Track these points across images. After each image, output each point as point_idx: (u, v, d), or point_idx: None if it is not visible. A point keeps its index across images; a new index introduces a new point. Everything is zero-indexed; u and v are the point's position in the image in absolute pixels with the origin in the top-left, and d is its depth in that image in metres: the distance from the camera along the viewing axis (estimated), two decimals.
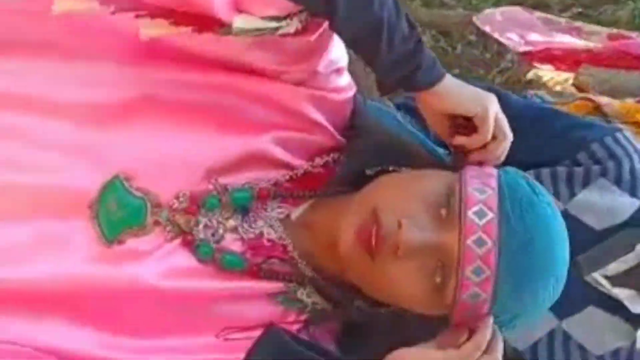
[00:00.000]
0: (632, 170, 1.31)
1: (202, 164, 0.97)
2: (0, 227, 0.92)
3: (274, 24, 0.92)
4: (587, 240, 1.31)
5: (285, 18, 0.92)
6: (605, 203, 1.32)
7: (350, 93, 1.06)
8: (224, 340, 0.96)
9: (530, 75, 3.86)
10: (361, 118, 1.07)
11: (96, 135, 0.94)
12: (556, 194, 1.30)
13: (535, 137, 1.32)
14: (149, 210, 0.94)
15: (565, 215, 1.23)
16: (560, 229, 0.95)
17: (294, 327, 0.99)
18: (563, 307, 1.28)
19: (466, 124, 1.00)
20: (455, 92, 0.99)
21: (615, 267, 1.32)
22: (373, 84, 1.03)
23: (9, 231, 0.92)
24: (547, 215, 0.93)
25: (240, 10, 0.92)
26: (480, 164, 0.99)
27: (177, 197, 0.95)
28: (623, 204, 1.32)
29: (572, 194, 1.32)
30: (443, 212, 0.92)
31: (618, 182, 1.31)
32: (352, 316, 1.00)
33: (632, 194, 1.31)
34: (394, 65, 0.95)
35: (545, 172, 1.33)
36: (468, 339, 0.92)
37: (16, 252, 0.92)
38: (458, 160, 1.01)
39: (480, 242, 0.89)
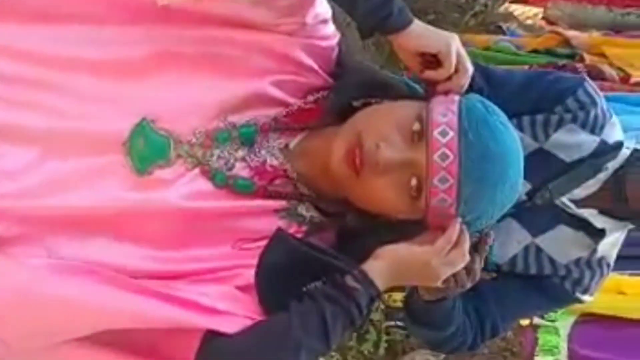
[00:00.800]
0: (595, 116, 1.47)
1: (213, 105, 1.14)
2: (48, 164, 1.09)
3: None
4: (559, 171, 1.49)
5: None
6: (574, 140, 1.48)
7: (335, 40, 1.22)
8: (239, 250, 1.14)
9: (501, 10, 4.00)
10: (345, 60, 1.24)
11: (123, 87, 1.11)
12: (534, 136, 1.47)
13: (519, 96, 1.47)
14: (172, 146, 1.12)
15: (542, 151, 1.47)
16: (512, 142, 1.12)
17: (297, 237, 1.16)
18: (536, 227, 1.51)
19: (433, 60, 1.17)
20: (422, 34, 1.16)
21: (579, 192, 1.51)
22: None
23: (56, 166, 1.09)
24: (500, 130, 1.10)
25: None
26: (446, 93, 1.16)
27: (194, 134, 1.13)
28: (587, 141, 1.48)
29: (547, 136, 1.47)
30: (414, 134, 1.09)
31: (584, 125, 1.48)
32: (344, 225, 1.18)
33: (593, 132, 1.48)
34: (370, 14, 1.13)
35: (526, 119, 1.48)
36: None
37: (63, 184, 1.09)
38: (429, 91, 1.18)
39: (443, 157, 1.07)
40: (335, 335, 1.08)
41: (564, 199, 1.51)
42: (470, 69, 1.18)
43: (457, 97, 1.14)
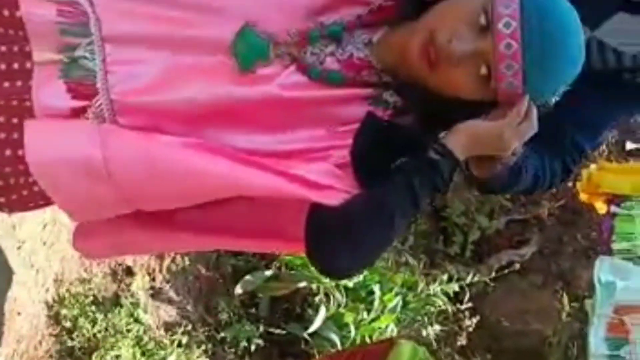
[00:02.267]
0: None
1: (303, 7, 1.28)
2: (167, 64, 1.25)
3: None
4: None
5: None
6: None
7: None
8: (334, 132, 1.30)
9: None
10: None
11: None
12: None
13: None
14: (271, 47, 1.27)
15: None
16: (571, 22, 1.23)
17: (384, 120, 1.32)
18: (594, 19, 1.49)
19: None
20: None
21: None
22: None
23: (174, 65, 1.25)
24: (558, 14, 1.22)
25: None
26: None
27: (289, 34, 1.28)
28: None
29: None
30: (481, 27, 1.21)
31: None
32: (425, 107, 1.33)
33: None
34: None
35: None
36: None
37: (180, 80, 1.25)
38: None
39: (508, 46, 1.19)
40: (423, 200, 1.25)
41: None
42: None
43: None
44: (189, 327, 3.14)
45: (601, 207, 2.82)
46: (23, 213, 1.61)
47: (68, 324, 2.78)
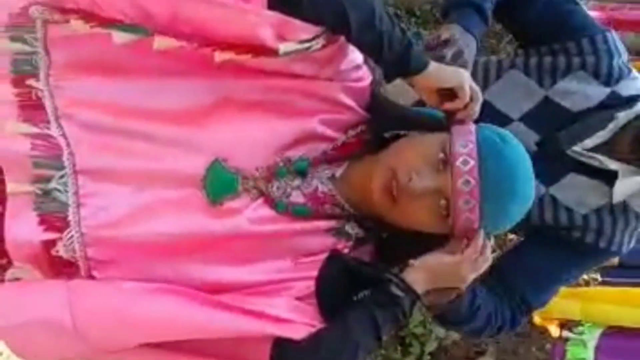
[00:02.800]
0: (609, 67, 1.49)
1: (272, 144, 1.33)
2: (136, 197, 1.27)
3: (306, 45, 1.26)
4: (565, 120, 1.53)
5: (314, 39, 1.26)
6: (580, 90, 1.50)
7: (368, 80, 1.41)
8: (297, 264, 1.33)
9: None
10: (378, 97, 1.43)
11: (196, 131, 1.29)
12: (540, 81, 1.52)
13: (541, 16, 1.53)
14: (240, 181, 1.31)
15: (547, 100, 1.52)
16: (524, 164, 1.30)
17: (345, 251, 1.36)
18: (549, 176, 1.55)
19: (450, 93, 1.32)
20: (438, 73, 1.33)
21: (590, 141, 1.51)
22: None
23: (143, 199, 1.27)
24: (512, 156, 1.28)
25: (282, 39, 1.24)
26: (463, 121, 1.32)
27: (257, 170, 1.32)
28: (596, 92, 1.49)
29: (554, 82, 1.51)
30: (440, 163, 1.27)
31: (596, 75, 1.49)
32: (383, 238, 1.38)
33: (606, 84, 1.48)
34: (393, 62, 1.31)
35: (533, 61, 1.53)
36: (467, 246, 1.31)
37: (148, 213, 1.27)
38: (449, 119, 1.34)
39: (466, 183, 1.25)
40: (385, 334, 1.29)
41: (576, 148, 1.52)
42: (481, 97, 1.35)
43: (473, 128, 1.31)
44: None
45: (555, 331, 2.85)
46: None
47: None
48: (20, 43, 1.28)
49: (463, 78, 1.33)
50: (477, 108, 1.35)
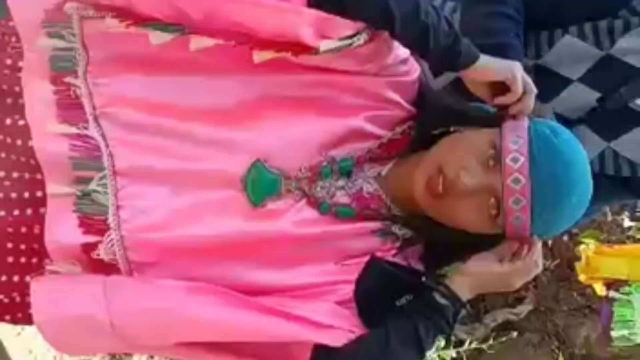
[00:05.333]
0: None
1: (316, 143, 1.28)
2: (176, 199, 1.24)
3: (348, 42, 1.21)
4: (628, 76, 1.49)
5: (355, 35, 1.22)
6: None
7: (416, 74, 1.35)
8: (341, 266, 1.30)
9: None
10: (426, 91, 1.38)
11: (236, 131, 1.26)
12: (597, 44, 1.48)
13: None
14: (282, 182, 1.27)
15: (609, 58, 1.48)
16: (579, 160, 1.22)
17: (392, 253, 1.33)
18: (610, 131, 1.54)
19: (502, 87, 1.27)
20: (488, 65, 1.28)
21: None
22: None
23: (183, 201, 1.24)
24: (566, 151, 1.21)
25: (323, 36, 1.20)
26: (516, 116, 1.26)
27: (300, 170, 1.28)
28: None
29: (613, 41, 1.48)
30: (490, 161, 1.22)
31: None
32: (432, 239, 1.33)
33: None
34: (441, 57, 1.25)
35: (587, 26, 1.49)
36: (519, 252, 1.26)
37: (189, 216, 1.24)
38: (501, 114, 1.28)
39: (516, 181, 1.19)
40: (428, 346, 1.25)
41: (639, 101, 1.51)
42: (535, 90, 1.29)
43: (526, 123, 1.25)
44: None
45: (601, 290, 2.80)
46: None
47: None
48: (57, 39, 1.25)
49: (515, 70, 1.27)
50: (530, 102, 1.29)
